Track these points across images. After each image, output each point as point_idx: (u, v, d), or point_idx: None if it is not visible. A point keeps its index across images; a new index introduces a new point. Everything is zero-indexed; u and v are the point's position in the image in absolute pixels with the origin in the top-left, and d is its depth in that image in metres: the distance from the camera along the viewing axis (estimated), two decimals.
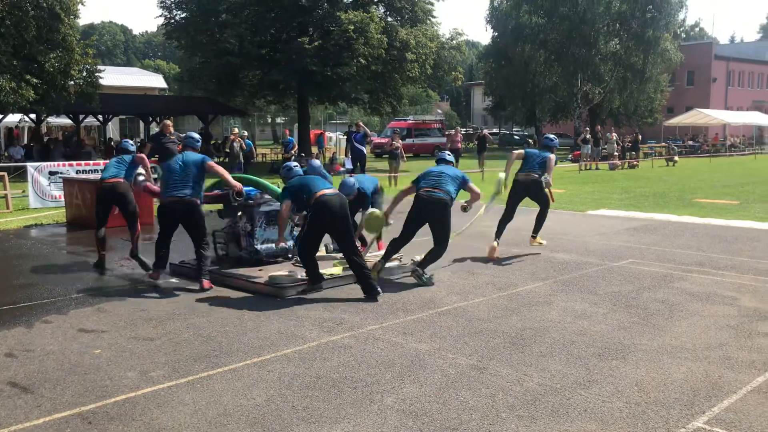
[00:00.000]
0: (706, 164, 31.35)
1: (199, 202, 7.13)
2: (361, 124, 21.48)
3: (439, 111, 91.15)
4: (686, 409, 4.08)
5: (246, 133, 20.81)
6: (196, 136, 7.83)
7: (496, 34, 52.26)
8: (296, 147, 27.77)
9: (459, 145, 26.36)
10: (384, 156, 25.60)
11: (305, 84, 28.76)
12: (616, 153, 29.84)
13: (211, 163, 7.35)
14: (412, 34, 28.18)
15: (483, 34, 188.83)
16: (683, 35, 65.99)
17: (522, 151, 9.36)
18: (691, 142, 42.58)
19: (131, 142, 9.76)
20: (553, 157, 8.93)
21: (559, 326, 5.75)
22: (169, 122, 15.50)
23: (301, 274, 6.99)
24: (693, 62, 58.35)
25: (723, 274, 7.71)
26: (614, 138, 30.97)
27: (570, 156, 34.37)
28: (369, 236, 8.31)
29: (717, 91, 61.05)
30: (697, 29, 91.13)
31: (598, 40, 42.71)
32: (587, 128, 34.97)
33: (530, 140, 50.64)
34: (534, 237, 9.18)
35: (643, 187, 19.16)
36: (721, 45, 79.31)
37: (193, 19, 28.33)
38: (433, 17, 31.47)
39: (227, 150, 19.58)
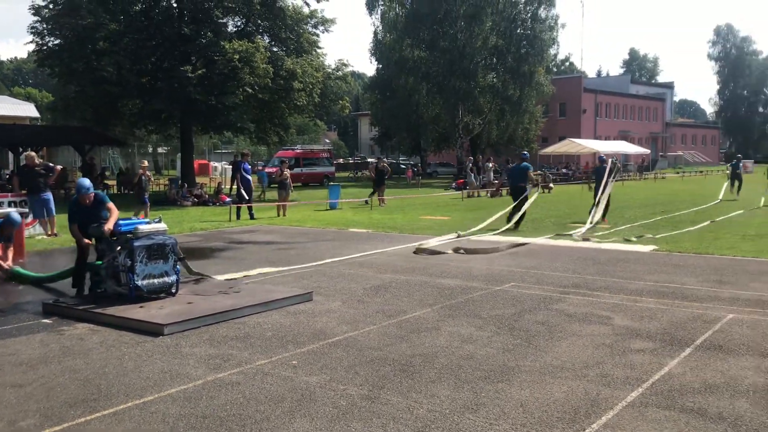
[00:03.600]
0: (578, 191, 33.17)
1: None
2: (248, 153, 21.24)
3: (327, 140, 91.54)
4: (568, 427, 4.25)
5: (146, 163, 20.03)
6: (87, 183, 7.92)
7: (381, 66, 53.50)
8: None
9: (374, 173, 26.08)
10: (273, 186, 25.31)
11: (189, 113, 28.16)
12: (495, 181, 31.06)
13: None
14: (299, 63, 28.31)
15: (368, 66, 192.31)
16: (555, 69, 70.07)
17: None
18: (564, 170, 44.98)
19: None
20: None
21: (447, 351, 5.86)
22: (32, 153, 14.81)
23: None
24: (564, 95, 62.06)
25: (597, 295, 8.14)
26: (491, 167, 32.23)
27: (453, 184, 35.40)
28: None
29: (587, 121, 65.08)
30: (567, 63, 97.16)
31: (477, 74, 44.58)
32: (471, 157, 36.16)
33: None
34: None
35: None
36: (589, 79, 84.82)
37: (68, 46, 27.10)
38: (319, 48, 31.82)
39: (135, 182, 18.65)
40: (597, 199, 16.56)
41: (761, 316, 6.95)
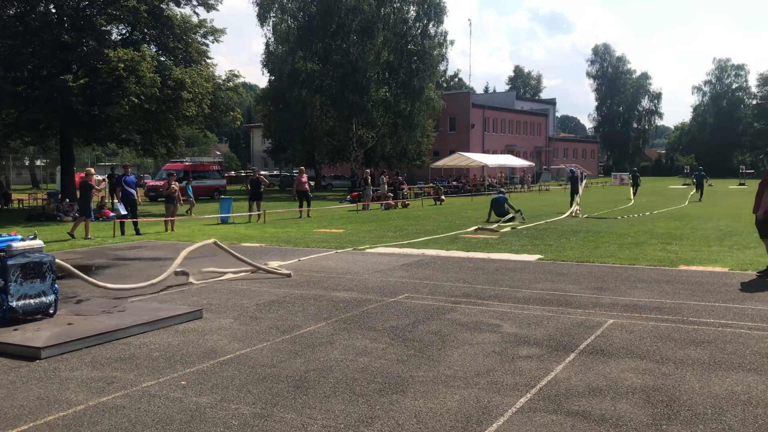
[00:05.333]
0: (469, 203, 34.14)
1: None
2: (130, 165, 20.39)
3: (218, 153, 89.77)
4: None
5: None
6: None
7: (273, 78, 53.07)
8: None
9: (306, 186, 25.63)
10: (160, 200, 24.43)
11: (69, 124, 26.77)
12: (389, 194, 31.45)
13: None
14: (187, 73, 27.55)
15: (261, 78, 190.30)
16: (445, 85, 72.08)
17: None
18: (455, 183, 46.18)
19: None
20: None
21: (341, 365, 5.83)
22: None
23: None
24: (454, 110, 63.89)
25: (487, 304, 8.37)
26: (385, 180, 32.63)
27: (348, 197, 35.52)
28: None
29: (475, 135, 67.17)
30: (456, 79, 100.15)
31: (369, 88, 45.08)
32: (367, 170, 36.40)
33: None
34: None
35: (415, 225, 20.35)
36: (477, 94, 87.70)
37: None
38: (209, 58, 31.13)
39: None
40: (576, 198, 25.50)
41: (639, 321, 7.36)
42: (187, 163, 40.39)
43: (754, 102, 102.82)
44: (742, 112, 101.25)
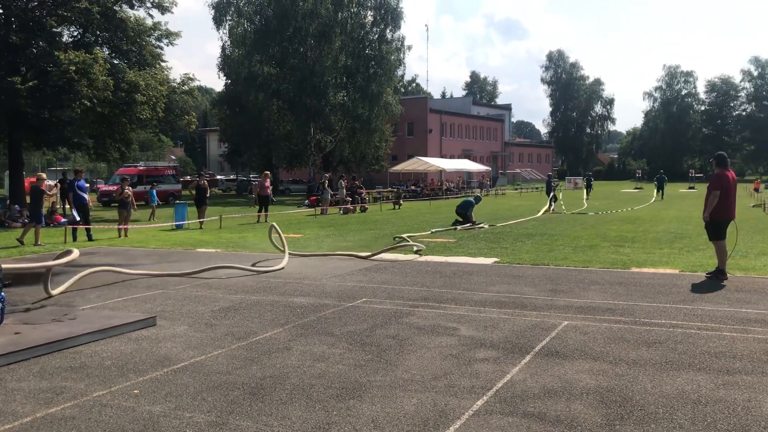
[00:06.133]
0: (426, 206, 34.32)
1: None
2: (82, 170, 19.91)
3: (173, 157, 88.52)
4: None
5: None
6: None
7: (229, 81, 52.55)
8: None
9: (268, 191, 25.33)
10: (113, 205, 23.93)
11: (18, 127, 26.03)
12: (347, 198, 31.40)
13: None
14: (141, 76, 27.05)
15: (217, 81, 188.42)
16: (403, 90, 72.35)
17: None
18: (413, 187, 46.37)
19: None
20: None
21: (298, 371, 5.78)
22: None
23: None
24: (412, 114, 64.24)
25: (445, 307, 8.40)
26: (344, 185, 32.58)
27: (306, 201, 35.35)
28: None
29: (433, 140, 67.64)
30: (414, 84, 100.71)
31: (327, 92, 44.97)
32: (327, 174, 36.23)
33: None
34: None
35: (374, 229, 20.35)
36: (434, 100, 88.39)
37: None
38: (164, 61, 30.65)
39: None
40: (553, 200, 29.34)
41: (592, 322, 7.48)
42: (141, 168, 39.67)
43: (703, 108, 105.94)
44: (691, 117, 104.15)
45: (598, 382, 5.40)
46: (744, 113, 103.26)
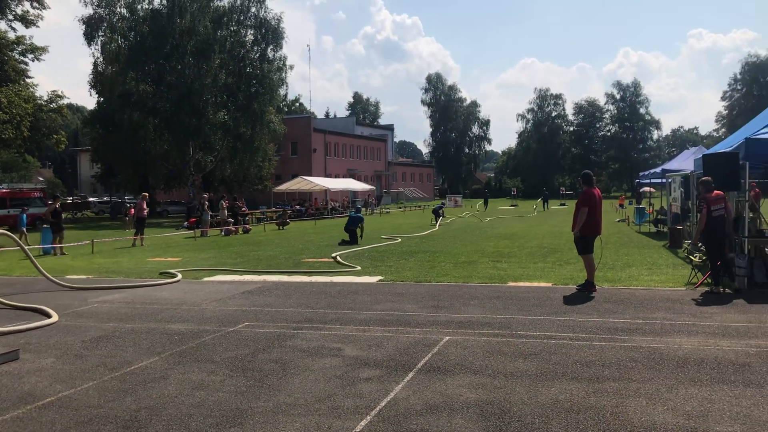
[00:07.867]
0: (312, 226, 34.18)
1: None
2: None
3: (41, 178, 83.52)
4: None
5: None
6: None
7: (102, 99, 50.33)
8: None
9: (145, 213, 23.99)
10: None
11: None
12: (229, 219, 30.70)
13: None
14: (4, 93, 25.40)
15: (88, 99, 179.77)
16: (286, 109, 72.06)
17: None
18: (298, 207, 46.08)
19: None
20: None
21: (176, 401, 5.53)
22: None
23: None
24: (296, 134, 64.04)
25: (329, 328, 8.35)
26: (225, 205, 31.86)
27: (185, 224, 34.25)
28: None
29: (317, 160, 67.65)
30: (297, 104, 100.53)
31: (207, 110, 43.95)
32: (205, 195, 35.20)
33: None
34: None
35: (257, 251, 20.00)
36: (318, 119, 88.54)
37: None
38: (29, 77, 28.96)
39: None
40: (440, 220, 33.13)
41: (472, 336, 7.68)
42: (4, 191, 37.02)
43: (571, 129, 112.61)
44: (561, 137, 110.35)
45: (478, 395, 5.53)
46: (609, 133, 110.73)
